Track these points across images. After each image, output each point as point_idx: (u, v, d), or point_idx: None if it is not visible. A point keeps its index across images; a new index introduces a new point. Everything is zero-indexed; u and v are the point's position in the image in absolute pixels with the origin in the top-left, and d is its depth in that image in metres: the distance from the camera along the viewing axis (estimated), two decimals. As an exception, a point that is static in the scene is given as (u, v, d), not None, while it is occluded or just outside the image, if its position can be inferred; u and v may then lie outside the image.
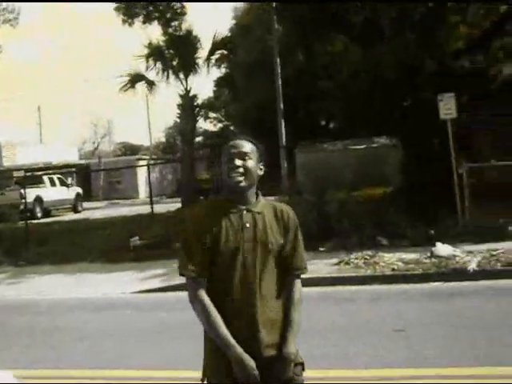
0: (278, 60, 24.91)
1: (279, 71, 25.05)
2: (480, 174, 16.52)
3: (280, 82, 25.20)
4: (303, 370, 3.52)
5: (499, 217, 14.84)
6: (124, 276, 15.02)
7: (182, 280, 3.48)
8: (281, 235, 3.42)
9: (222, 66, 34.77)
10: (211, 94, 44.99)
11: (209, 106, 45.19)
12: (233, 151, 3.37)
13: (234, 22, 36.30)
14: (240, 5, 35.99)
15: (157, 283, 13.65)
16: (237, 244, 3.32)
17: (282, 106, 25.11)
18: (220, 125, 46.31)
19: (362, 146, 25.47)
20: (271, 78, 25.37)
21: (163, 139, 66.57)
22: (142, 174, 40.46)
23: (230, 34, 28.70)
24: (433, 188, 16.29)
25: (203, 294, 3.31)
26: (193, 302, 3.34)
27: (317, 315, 9.77)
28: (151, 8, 24.76)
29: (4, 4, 36.22)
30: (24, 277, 16.39)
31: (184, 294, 3.52)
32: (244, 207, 3.38)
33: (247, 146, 3.40)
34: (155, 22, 25.19)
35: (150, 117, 69.94)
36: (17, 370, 7.49)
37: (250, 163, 3.37)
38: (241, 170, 3.33)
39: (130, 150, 63.97)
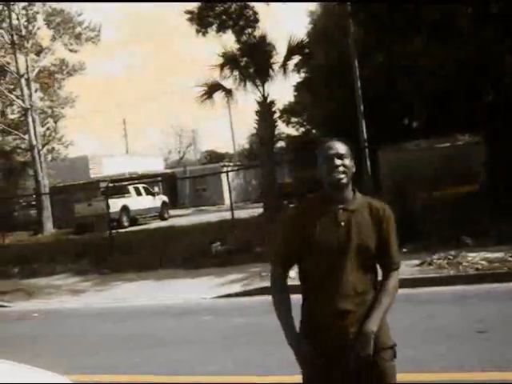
0: (356, 62, 24.72)
1: (358, 73, 24.85)
2: None
3: (359, 84, 25.00)
4: (395, 356, 3.60)
5: None
6: (205, 281, 15.09)
7: (260, 284, 3.60)
8: (375, 233, 3.56)
9: (301, 70, 34.73)
10: (292, 99, 45.03)
11: (290, 110, 45.24)
12: (331, 152, 3.58)
13: (310, 26, 36.18)
14: (316, 8, 35.91)
15: (237, 288, 13.64)
16: (331, 242, 3.49)
17: (362, 107, 24.90)
18: (302, 129, 46.21)
19: (445, 145, 25.03)
20: (350, 80, 25.19)
21: (247, 146, 66.97)
22: (226, 180, 40.73)
23: (307, 39, 28.55)
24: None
25: (281, 283, 3.64)
26: (271, 288, 3.69)
27: (397, 317, 9.58)
28: (224, 17, 24.83)
29: (86, 22, 37.20)
30: (108, 284, 16.69)
31: (263, 299, 3.62)
32: (340, 206, 3.57)
33: (343, 147, 3.61)
34: (229, 31, 25.24)
35: (233, 124, 70.48)
36: (95, 376, 7.67)
37: (347, 162, 3.58)
38: (341, 168, 3.54)
39: (215, 157, 64.62)
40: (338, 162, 3.54)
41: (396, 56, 21.78)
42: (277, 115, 27.08)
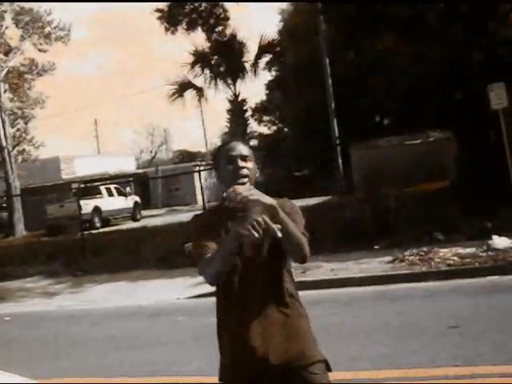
0: (327, 60, 24.78)
1: (329, 71, 24.91)
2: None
3: (330, 82, 25.07)
4: (329, 370, 3.34)
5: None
6: (179, 282, 15.07)
7: None
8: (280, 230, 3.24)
9: (273, 68, 34.78)
10: (264, 98, 45.03)
11: (262, 109, 45.27)
12: (234, 153, 3.38)
13: (281, 24, 36.22)
14: (287, 6, 35.93)
15: (211, 288, 13.56)
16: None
17: (333, 105, 24.97)
18: (274, 127, 46.23)
19: (416, 141, 25.18)
20: (321, 78, 25.25)
21: (219, 144, 66.87)
22: (199, 180, 40.63)
23: (278, 37, 28.59)
24: (489, 181, 15.94)
25: None
26: (202, 269, 3.25)
27: (369, 314, 9.65)
28: (194, 15, 24.84)
29: (55, 22, 36.92)
30: (80, 286, 16.62)
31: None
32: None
33: (246, 149, 3.41)
34: (198, 29, 25.25)
35: (205, 123, 70.19)
36: (68, 378, 7.63)
37: (251, 165, 3.38)
38: (245, 170, 3.33)
39: (188, 157, 64.33)
40: (241, 163, 3.34)
41: (366, 54, 21.87)
42: (249, 114, 27.16)
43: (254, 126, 41.54)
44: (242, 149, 3.41)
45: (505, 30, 16.88)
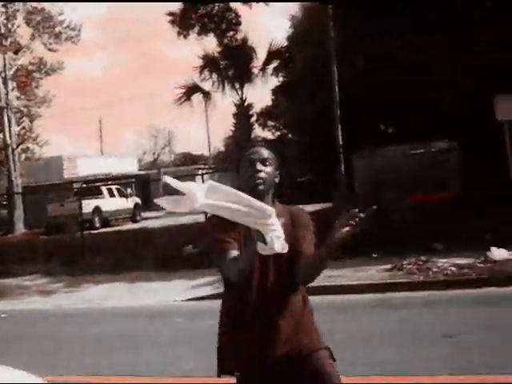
0: (335, 66, 24.75)
1: (336, 78, 24.87)
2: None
3: (337, 89, 25.02)
4: (333, 359, 3.47)
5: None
6: (177, 284, 15.07)
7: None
8: (296, 239, 3.40)
9: (280, 74, 34.79)
10: (269, 103, 44.98)
11: (267, 114, 45.25)
12: (254, 157, 3.46)
13: (291, 30, 36.22)
14: (297, 12, 35.91)
15: (208, 290, 13.61)
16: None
17: (338, 112, 24.91)
18: (278, 133, 46.17)
19: (419, 151, 25.12)
20: (329, 84, 25.22)
21: (222, 149, 66.80)
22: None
23: (286, 43, 28.60)
24: (490, 192, 15.93)
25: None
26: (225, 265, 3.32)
27: (366, 322, 9.65)
28: (206, 20, 24.84)
29: (66, 22, 36.98)
30: (79, 286, 16.61)
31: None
32: None
33: (267, 153, 3.49)
34: (210, 34, 25.26)
35: (209, 127, 70.39)
36: (61, 377, 7.61)
37: (270, 169, 3.45)
38: (262, 174, 3.41)
39: (190, 160, 64.36)
40: (259, 167, 3.41)
41: (375, 61, 21.88)
42: (254, 119, 27.16)
43: (258, 131, 41.59)
44: (263, 153, 3.49)
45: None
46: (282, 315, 3.41)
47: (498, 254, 12.49)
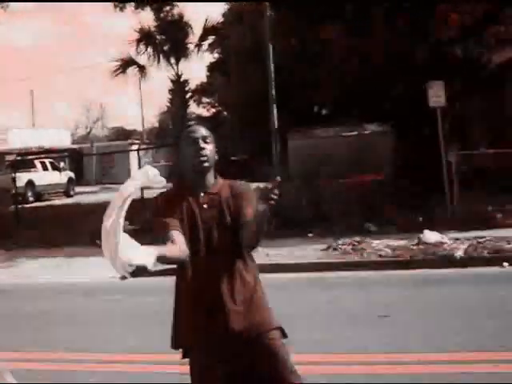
0: (271, 47, 24.85)
1: (271, 58, 24.98)
2: (469, 162, 16.58)
3: (272, 69, 25.14)
4: (285, 336, 3.64)
5: (488, 204, 14.93)
6: (114, 260, 15.00)
7: (170, 265, 3.58)
8: (237, 211, 3.53)
9: (215, 51, 34.68)
10: (205, 80, 44.78)
11: (202, 91, 45.07)
12: (196, 135, 3.58)
13: (227, 7, 36.11)
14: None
15: (147, 267, 13.60)
16: (196, 224, 3.49)
17: (273, 92, 25.05)
18: (213, 110, 46.07)
19: (353, 133, 25.46)
20: (264, 64, 25.31)
21: (156, 124, 66.27)
22: (134, 158, 40.25)
23: (222, 20, 28.55)
24: (423, 175, 16.34)
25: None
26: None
27: (302, 300, 9.87)
28: (144, -7, 24.68)
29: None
30: (14, 261, 16.39)
31: (174, 279, 3.64)
32: (202, 189, 3.57)
33: (206, 132, 3.61)
34: (147, 8, 25.08)
35: (143, 102, 69.65)
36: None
37: (211, 147, 3.59)
38: (206, 151, 3.54)
39: (123, 134, 63.64)
40: (203, 144, 3.54)
41: (308, 42, 22.10)
42: (189, 95, 27.10)
43: (192, 108, 41.43)
44: (203, 131, 3.60)
45: (446, 29, 17.31)
46: (231, 290, 3.49)
47: (430, 236, 12.87)
